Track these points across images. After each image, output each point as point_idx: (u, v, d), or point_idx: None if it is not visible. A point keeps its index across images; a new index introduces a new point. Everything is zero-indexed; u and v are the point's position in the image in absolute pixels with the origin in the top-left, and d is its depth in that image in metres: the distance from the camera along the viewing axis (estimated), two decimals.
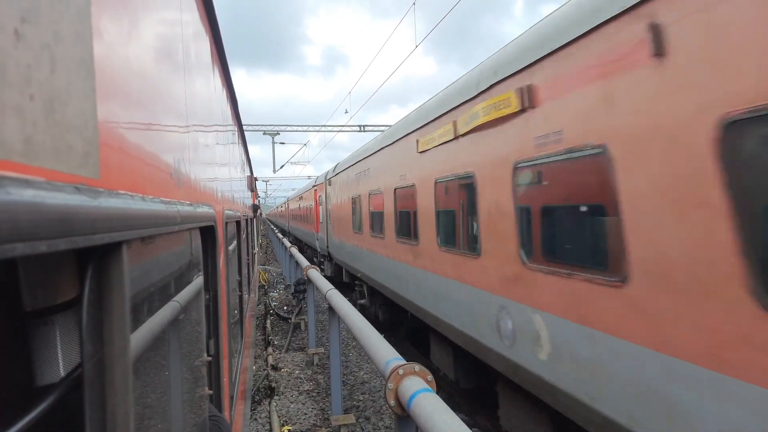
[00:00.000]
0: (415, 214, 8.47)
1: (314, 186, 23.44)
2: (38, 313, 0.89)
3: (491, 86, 5.36)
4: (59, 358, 0.90)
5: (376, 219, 11.35)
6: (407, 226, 9.06)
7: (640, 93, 3.33)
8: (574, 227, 4.34)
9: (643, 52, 3.25)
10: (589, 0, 3.91)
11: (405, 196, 9.13)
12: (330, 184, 18.29)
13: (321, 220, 20.81)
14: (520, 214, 4.93)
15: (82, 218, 0.65)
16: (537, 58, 4.48)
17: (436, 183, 7.40)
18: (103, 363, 0.80)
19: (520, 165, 4.86)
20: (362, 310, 12.67)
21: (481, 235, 5.85)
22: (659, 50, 3.13)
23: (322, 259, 21.99)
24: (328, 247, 19.08)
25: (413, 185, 8.49)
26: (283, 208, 58.75)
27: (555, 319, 4.26)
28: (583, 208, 4.20)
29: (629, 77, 3.42)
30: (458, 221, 6.87)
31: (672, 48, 3.08)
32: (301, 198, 32.05)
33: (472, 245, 6.21)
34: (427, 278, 7.91)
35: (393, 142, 9.75)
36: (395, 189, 9.70)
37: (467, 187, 6.31)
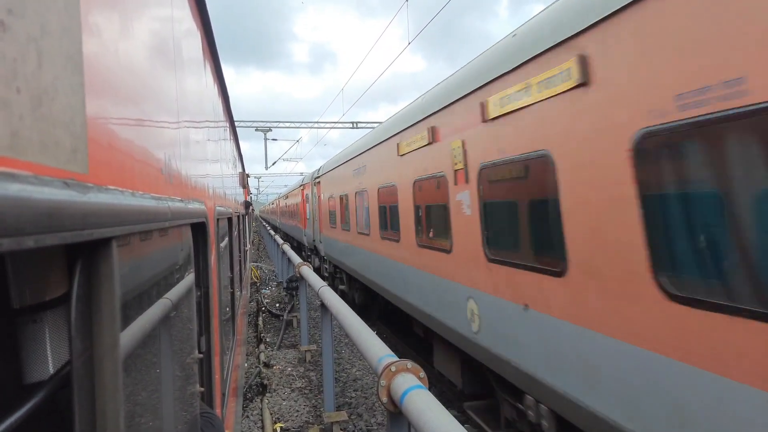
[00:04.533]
0: None
1: None
2: (27, 309, 0.88)
3: None
4: (48, 356, 0.90)
5: None
6: None
7: None
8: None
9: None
10: None
11: None
12: None
13: None
14: None
15: (71, 213, 0.64)
16: None
17: None
18: (93, 360, 0.79)
19: None
20: None
21: None
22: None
23: None
24: None
25: None
26: (291, 200, 31.52)
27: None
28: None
29: None
30: None
31: None
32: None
33: None
34: None
35: None
36: None
37: None
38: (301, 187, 24.67)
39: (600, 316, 3.72)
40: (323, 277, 15.42)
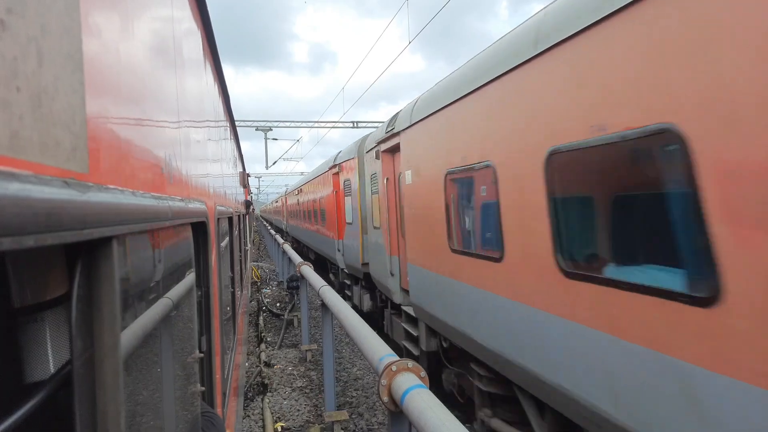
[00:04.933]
0: None
1: None
2: (27, 309, 0.88)
3: None
4: (49, 355, 0.90)
5: None
6: None
7: None
8: None
9: None
10: None
11: None
12: None
13: None
14: None
15: (71, 213, 0.64)
16: None
17: None
18: (93, 360, 0.79)
19: None
20: None
21: None
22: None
23: None
24: None
25: None
26: (311, 194, 20.89)
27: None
28: None
29: None
30: None
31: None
32: None
33: None
34: None
35: None
36: None
37: None
38: (333, 170, 15.03)
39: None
40: (401, 351, 8.78)
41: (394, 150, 9.06)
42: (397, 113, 8.91)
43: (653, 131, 3.01)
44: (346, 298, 10.22)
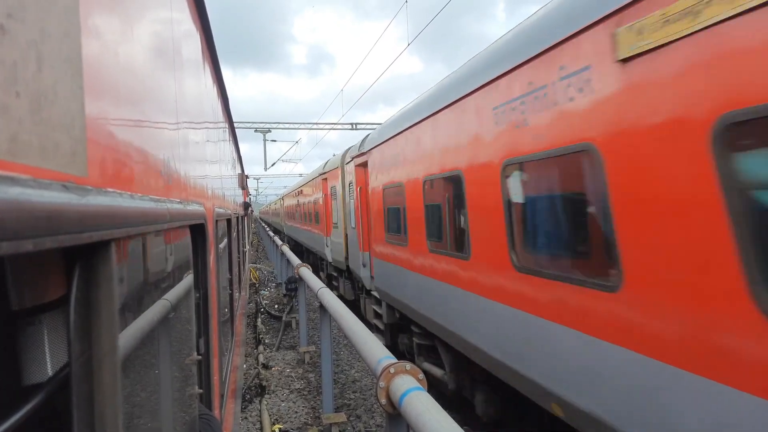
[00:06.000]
0: None
1: None
2: (26, 312, 0.88)
3: None
4: (47, 358, 0.90)
5: None
6: None
7: None
8: None
9: None
10: None
11: None
12: None
13: None
14: None
15: (70, 216, 0.65)
16: None
17: None
18: (91, 362, 0.79)
19: None
20: None
21: None
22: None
23: None
24: None
25: None
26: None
27: None
28: None
29: None
30: None
31: None
32: None
33: None
34: None
35: None
36: None
37: None
38: None
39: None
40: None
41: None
42: None
43: None
44: None
